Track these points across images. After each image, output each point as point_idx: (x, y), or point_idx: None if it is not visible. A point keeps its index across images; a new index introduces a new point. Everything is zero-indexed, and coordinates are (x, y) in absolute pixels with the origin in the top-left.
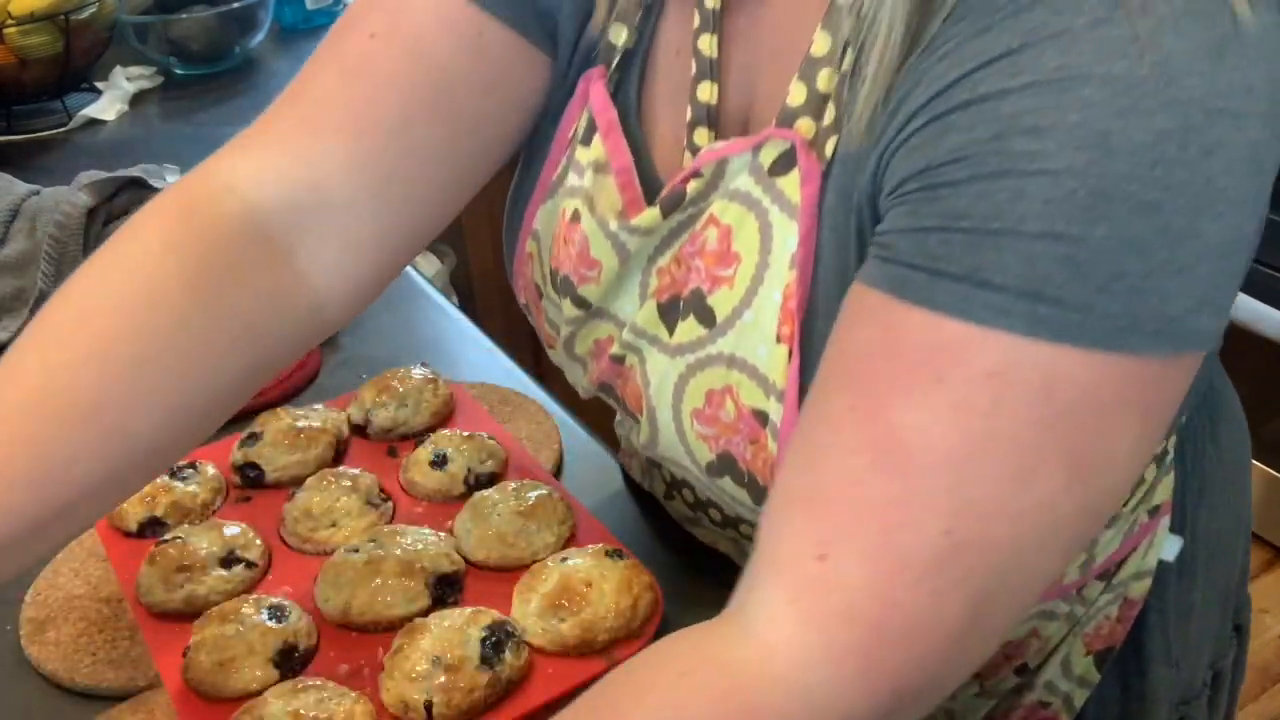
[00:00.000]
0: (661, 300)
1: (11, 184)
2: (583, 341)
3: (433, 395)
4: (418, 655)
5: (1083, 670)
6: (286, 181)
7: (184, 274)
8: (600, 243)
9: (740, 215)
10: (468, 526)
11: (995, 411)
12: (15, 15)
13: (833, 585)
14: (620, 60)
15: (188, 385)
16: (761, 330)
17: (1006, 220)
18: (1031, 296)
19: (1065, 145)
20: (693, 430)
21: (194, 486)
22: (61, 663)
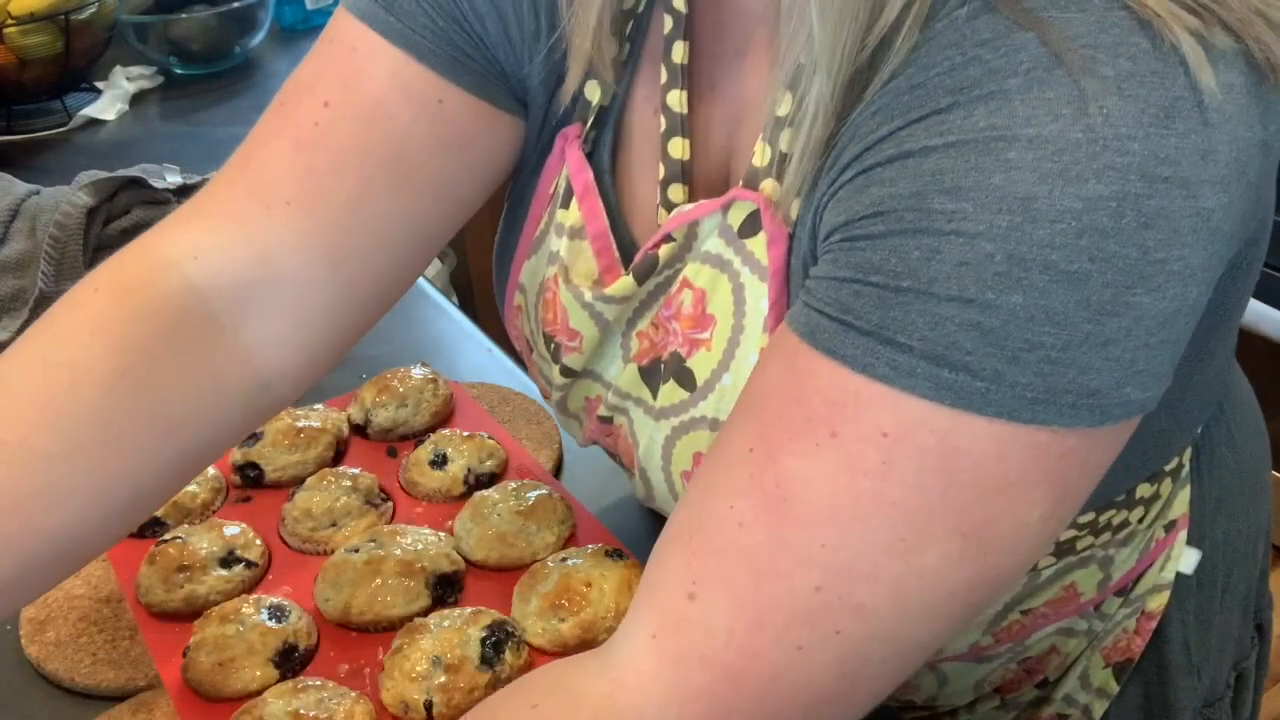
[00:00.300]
0: (642, 364)
1: (11, 184)
2: (574, 400)
3: (433, 395)
4: (418, 655)
5: (1101, 682)
6: (233, 257)
7: (112, 359)
8: (578, 313)
9: (713, 277)
10: (468, 526)
11: (885, 473)
12: (15, 15)
13: (696, 625)
14: (596, 117)
15: (112, 479)
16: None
17: (917, 280)
18: (936, 360)
19: (985, 208)
20: (684, 491)
21: (194, 486)
22: (61, 663)
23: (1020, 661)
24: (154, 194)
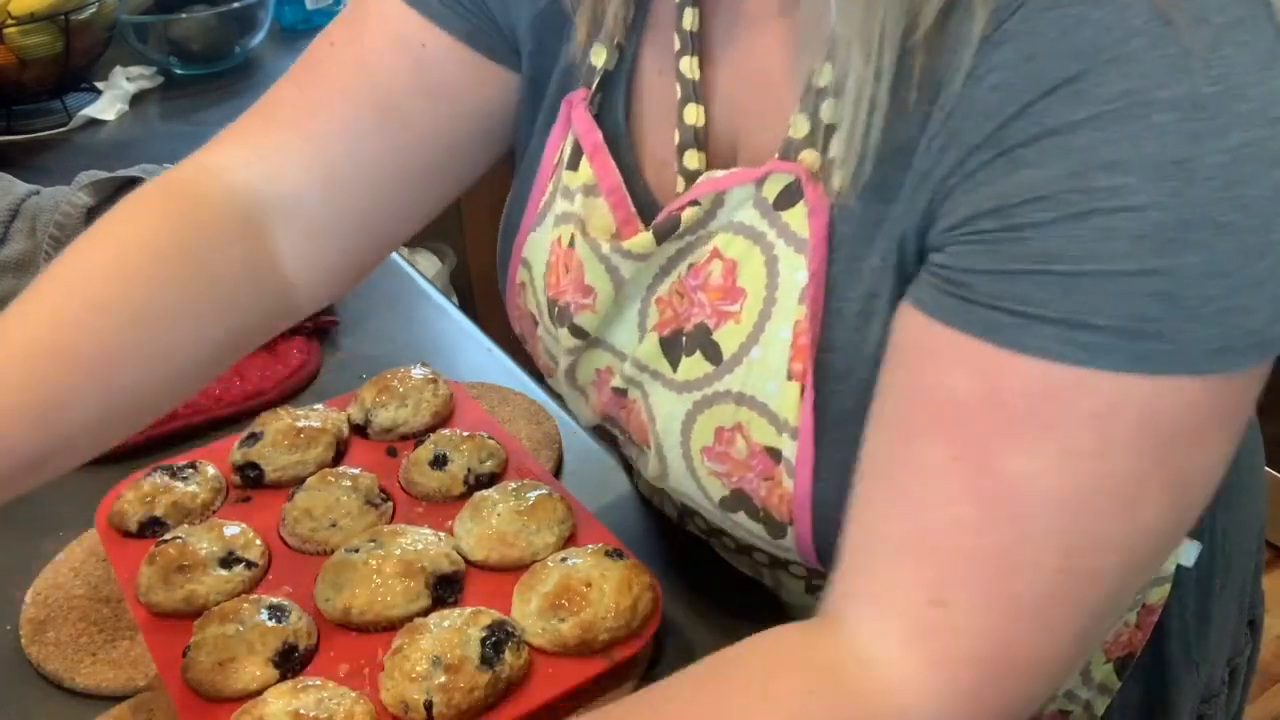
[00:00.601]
0: (664, 334)
1: (11, 184)
2: (584, 370)
3: (433, 395)
4: (418, 655)
5: (1102, 677)
6: (253, 171)
7: (173, 243)
8: (594, 267)
9: (745, 249)
10: (468, 526)
11: (1102, 452)
12: (15, 15)
13: (952, 630)
14: (601, 81)
15: (173, 345)
16: (770, 368)
17: (1099, 261)
18: (1130, 334)
19: (1146, 178)
20: (703, 467)
21: (194, 486)
22: (61, 663)
23: None
24: None
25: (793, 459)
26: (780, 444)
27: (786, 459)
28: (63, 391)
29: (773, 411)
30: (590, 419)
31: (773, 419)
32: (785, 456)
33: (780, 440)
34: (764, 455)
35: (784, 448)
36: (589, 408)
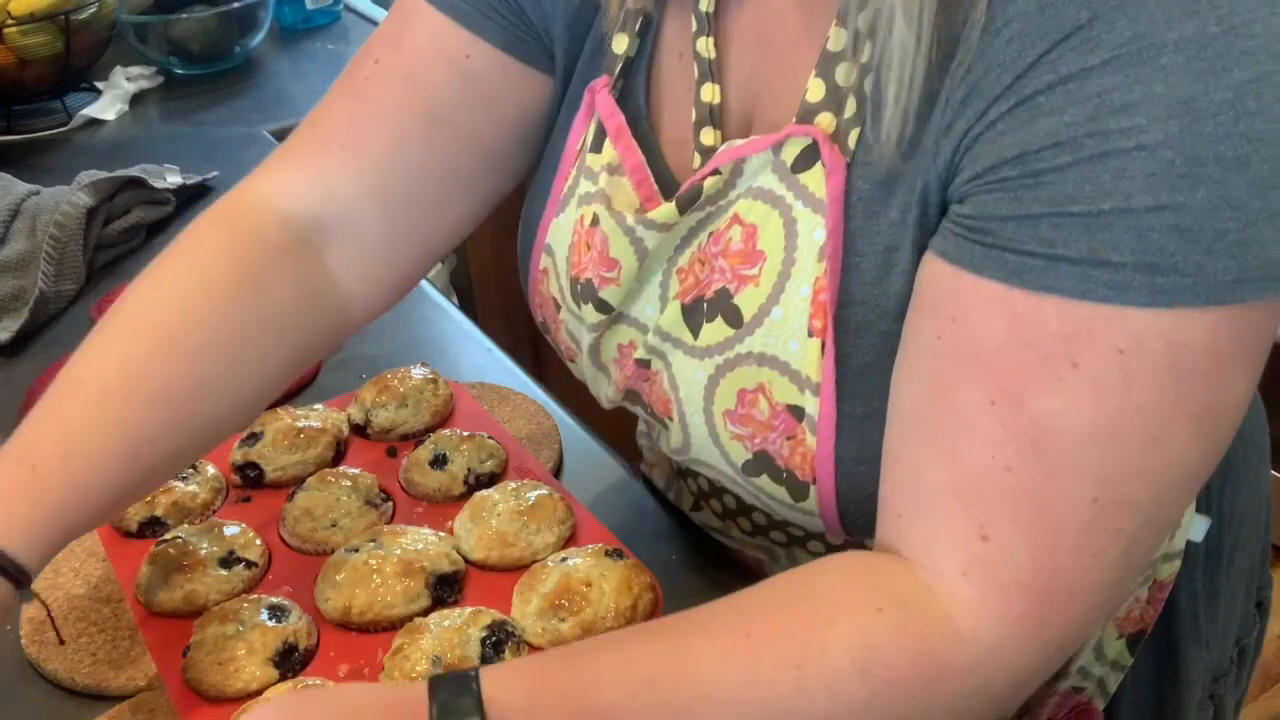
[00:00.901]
0: (685, 302)
1: (11, 184)
2: (607, 348)
3: (433, 395)
4: (418, 655)
5: (1115, 654)
6: (307, 193)
7: (235, 273)
8: (619, 240)
9: (764, 213)
10: (468, 526)
11: (1127, 386)
12: (15, 15)
13: (1000, 561)
14: (623, 68)
15: (241, 372)
16: (791, 326)
17: (1115, 199)
18: (1148, 269)
19: (1156, 118)
20: (726, 431)
21: (194, 486)
22: (61, 663)
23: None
24: (154, 194)
25: (815, 415)
26: (803, 401)
27: (809, 416)
28: (141, 430)
29: (794, 370)
30: (613, 398)
31: (794, 377)
32: (808, 413)
33: (802, 398)
34: (786, 414)
35: (806, 405)
36: (611, 386)
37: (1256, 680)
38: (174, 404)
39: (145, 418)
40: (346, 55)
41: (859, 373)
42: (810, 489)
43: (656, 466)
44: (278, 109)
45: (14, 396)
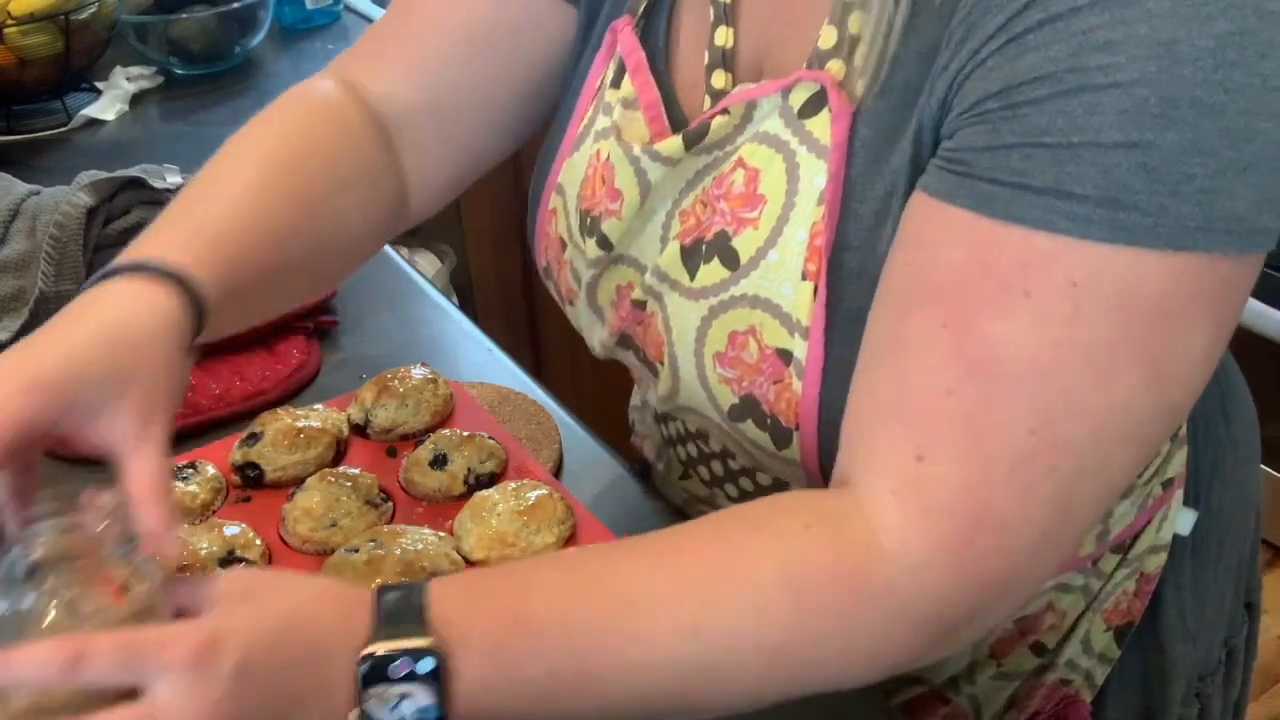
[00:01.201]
0: (685, 243)
1: (11, 184)
2: (604, 288)
3: (433, 395)
4: None
5: (1103, 646)
6: (370, 88)
7: (326, 133)
8: (624, 170)
9: (768, 157)
10: (468, 526)
11: (1076, 319)
12: (15, 15)
13: (932, 483)
14: (646, 8)
15: (331, 223)
16: (786, 269)
17: (1085, 133)
18: (1110, 204)
19: (1135, 58)
20: (715, 374)
21: (194, 486)
22: None
23: (1016, 619)
24: (154, 194)
25: (803, 359)
26: (791, 345)
27: (797, 360)
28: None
29: (786, 313)
30: (606, 343)
31: (785, 320)
32: (796, 357)
33: (792, 342)
34: (775, 358)
35: (795, 349)
36: (605, 330)
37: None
38: (306, 209)
39: (286, 216)
40: None
41: (850, 318)
42: (793, 435)
43: (648, 439)
44: None
45: None
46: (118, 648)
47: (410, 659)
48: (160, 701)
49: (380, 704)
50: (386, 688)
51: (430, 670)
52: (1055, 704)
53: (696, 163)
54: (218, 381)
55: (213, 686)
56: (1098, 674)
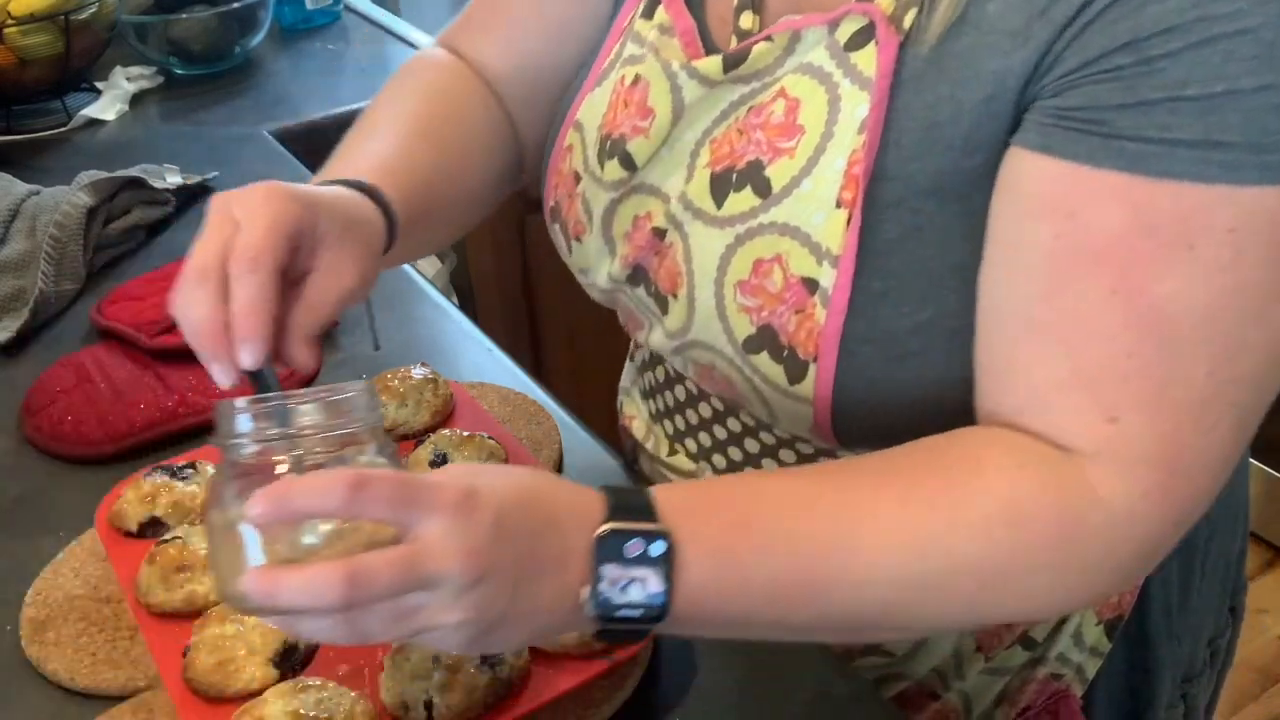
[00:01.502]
0: (715, 170)
1: (11, 184)
2: (621, 217)
3: (433, 395)
4: (418, 655)
5: (1094, 640)
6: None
7: (463, 90)
8: (659, 87)
9: (810, 89)
10: None
11: (1237, 264)
12: (15, 15)
13: (1128, 440)
14: None
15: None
16: (819, 198)
17: (1225, 81)
18: (1256, 148)
19: (1256, 1)
20: (735, 303)
21: (194, 486)
22: (61, 663)
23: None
24: (154, 194)
25: (829, 288)
26: (818, 274)
27: (823, 288)
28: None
29: (815, 242)
30: (616, 275)
31: (814, 249)
32: (822, 286)
33: (819, 270)
34: (799, 286)
35: (822, 277)
36: (617, 262)
37: (1256, 681)
38: (440, 165)
39: (427, 170)
40: (347, 55)
41: (882, 248)
42: (809, 369)
43: (635, 418)
44: (278, 109)
45: (14, 396)
46: (395, 484)
47: (643, 540)
48: (426, 540)
49: (611, 585)
50: (619, 568)
51: (661, 554)
52: (1047, 699)
53: (732, 92)
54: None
55: (474, 534)
56: (1089, 668)
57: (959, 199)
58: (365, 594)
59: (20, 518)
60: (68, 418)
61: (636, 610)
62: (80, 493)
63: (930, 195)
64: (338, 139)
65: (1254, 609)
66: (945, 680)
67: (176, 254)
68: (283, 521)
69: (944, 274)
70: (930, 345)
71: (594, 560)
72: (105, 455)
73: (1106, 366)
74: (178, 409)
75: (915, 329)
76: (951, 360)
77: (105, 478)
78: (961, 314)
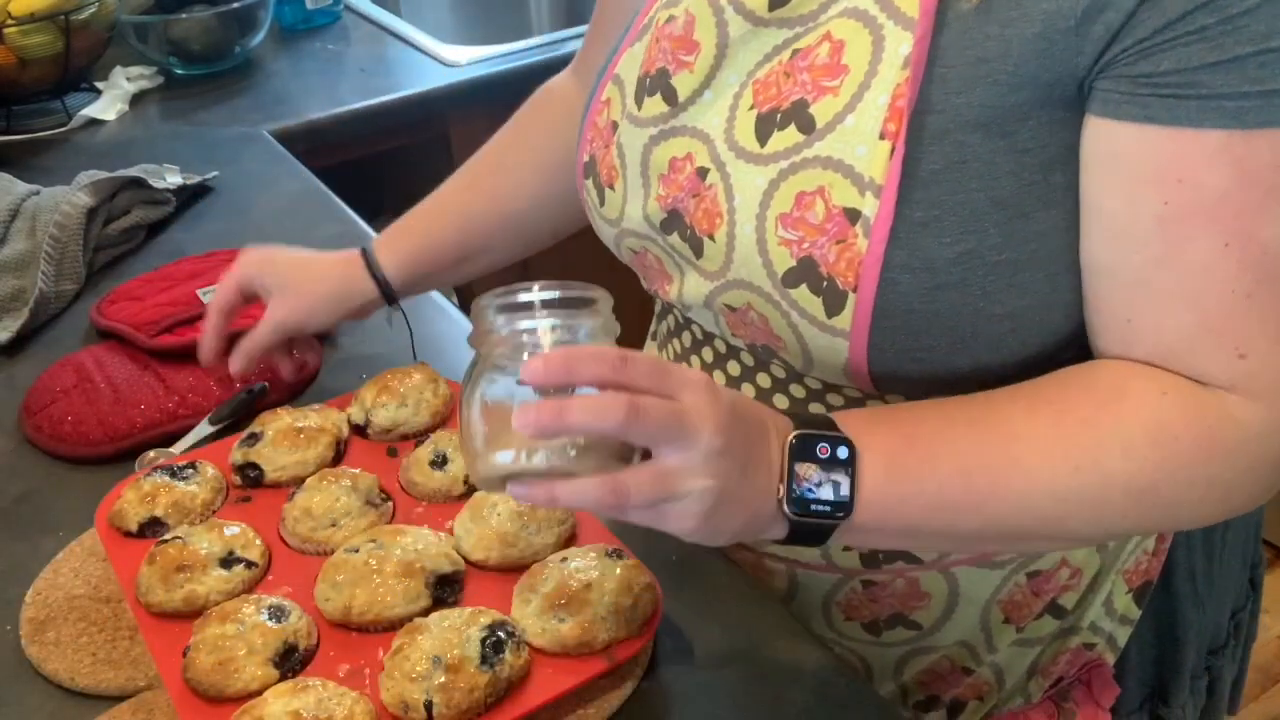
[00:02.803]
0: (762, 110)
1: (11, 184)
2: (659, 158)
3: (433, 395)
4: (418, 655)
5: (1124, 608)
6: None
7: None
8: (705, 21)
9: (855, 30)
10: (468, 526)
11: None
12: (15, 15)
13: (1259, 372)
14: None
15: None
16: (862, 132)
17: None
18: None
19: None
20: (776, 237)
21: (194, 486)
22: (61, 663)
23: (1029, 576)
24: (154, 194)
25: (871, 217)
26: (861, 204)
27: (865, 217)
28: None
29: (858, 173)
30: (652, 217)
31: (857, 180)
32: (864, 215)
33: (861, 200)
34: (841, 217)
35: (864, 207)
36: (652, 202)
37: (1256, 681)
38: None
39: (474, 204)
40: (346, 55)
41: (925, 179)
42: (848, 299)
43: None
44: (278, 109)
45: (14, 397)
46: (654, 360)
47: (829, 444)
48: (688, 403)
49: (803, 482)
50: (811, 468)
51: (847, 457)
52: (1080, 668)
53: (776, 36)
54: (218, 381)
55: (720, 410)
56: (1120, 636)
57: (1004, 134)
58: (640, 424)
59: (20, 518)
60: (68, 418)
61: (826, 507)
62: (80, 493)
63: (975, 128)
64: (337, 139)
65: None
66: (976, 654)
67: (176, 254)
68: (557, 385)
69: (986, 207)
70: (969, 277)
71: (790, 459)
72: (105, 455)
73: (1229, 311)
74: (178, 409)
75: (955, 259)
76: (989, 293)
77: (105, 478)
78: (1002, 248)
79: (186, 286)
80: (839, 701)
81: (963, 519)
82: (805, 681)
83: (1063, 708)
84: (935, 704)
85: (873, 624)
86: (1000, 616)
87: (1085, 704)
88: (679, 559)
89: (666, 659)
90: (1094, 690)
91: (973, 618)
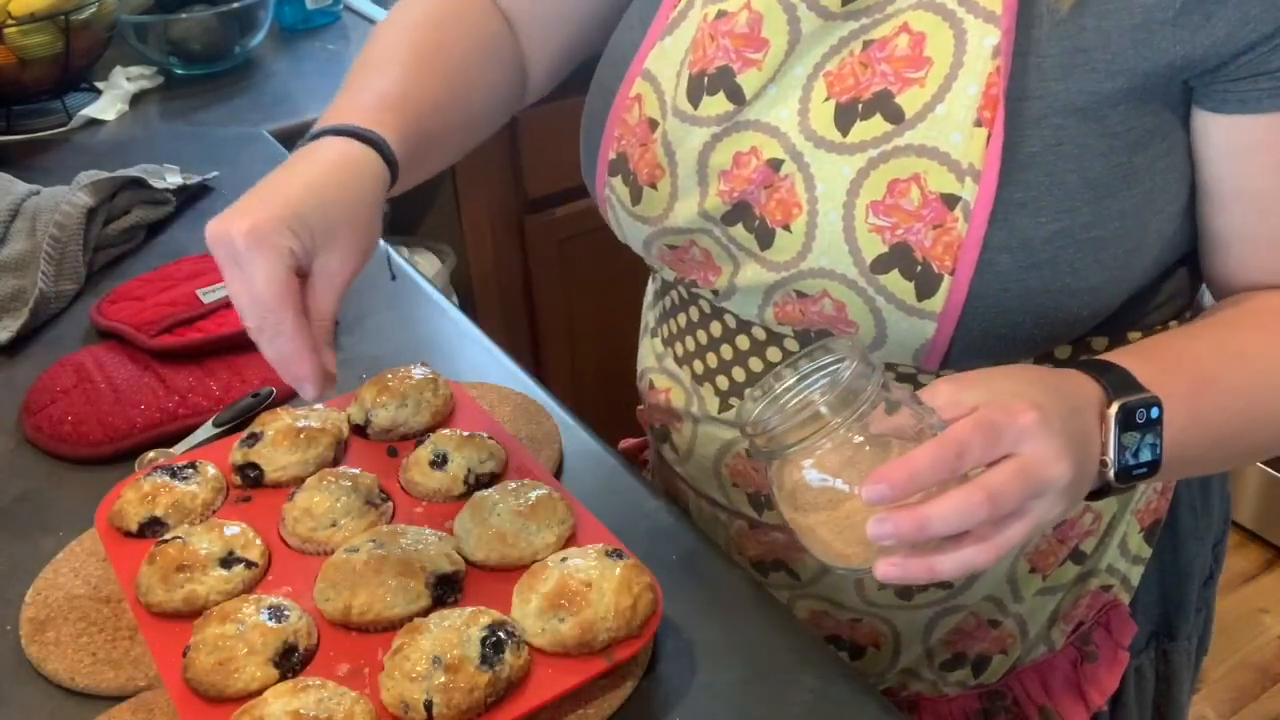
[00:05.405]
0: (841, 101)
1: (11, 184)
2: (721, 154)
3: (433, 395)
4: (418, 655)
5: (1137, 548)
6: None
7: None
8: (775, 18)
9: (935, 24)
10: (468, 526)
11: None
12: (15, 15)
13: None
14: None
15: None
16: (955, 120)
17: None
18: None
19: None
20: (866, 224)
21: (194, 486)
22: (61, 663)
23: (1054, 525)
24: (154, 194)
25: (971, 201)
26: (959, 190)
27: (964, 202)
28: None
29: (954, 160)
30: (711, 212)
31: (953, 166)
32: (963, 199)
33: (959, 186)
34: (938, 203)
35: (963, 192)
36: (711, 199)
37: (1256, 681)
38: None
39: (437, 88)
40: (346, 55)
41: (1024, 161)
42: (943, 282)
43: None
44: (278, 109)
45: (14, 397)
46: (983, 432)
47: (1145, 407)
48: (1030, 454)
49: (1125, 450)
50: (1133, 435)
51: (1158, 416)
52: (1098, 610)
53: (843, 28)
54: (218, 381)
55: (1057, 433)
56: (1133, 576)
57: (1098, 118)
58: (1003, 510)
59: (20, 518)
60: (68, 418)
61: (1144, 470)
62: (80, 493)
63: (1071, 113)
64: None
65: (1254, 609)
66: (1002, 606)
67: (176, 254)
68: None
69: (1079, 187)
70: (1060, 254)
71: (1117, 431)
72: (105, 455)
73: None
74: (178, 409)
75: (1050, 238)
76: (1077, 269)
77: (105, 478)
78: (1092, 226)
79: (187, 286)
80: (839, 701)
81: (1235, 446)
82: (805, 681)
83: (1084, 651)
84: (961, 661)
85: (905, 588)
86: (1027, 567)
87: (1105, 645)
88: (679, 559)
89: (666, 659)
90: (1113, 630)
91: (1001, 573)
